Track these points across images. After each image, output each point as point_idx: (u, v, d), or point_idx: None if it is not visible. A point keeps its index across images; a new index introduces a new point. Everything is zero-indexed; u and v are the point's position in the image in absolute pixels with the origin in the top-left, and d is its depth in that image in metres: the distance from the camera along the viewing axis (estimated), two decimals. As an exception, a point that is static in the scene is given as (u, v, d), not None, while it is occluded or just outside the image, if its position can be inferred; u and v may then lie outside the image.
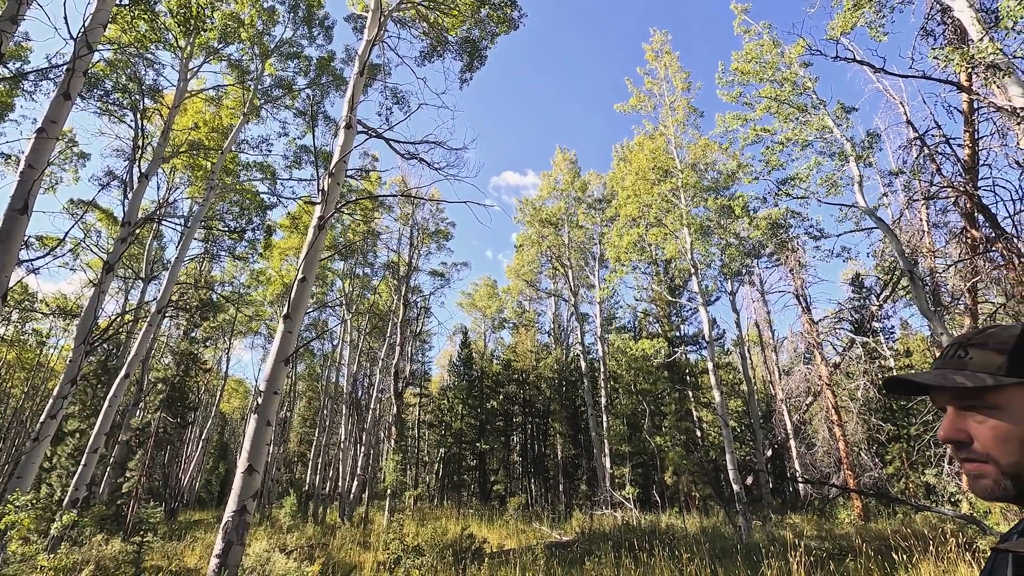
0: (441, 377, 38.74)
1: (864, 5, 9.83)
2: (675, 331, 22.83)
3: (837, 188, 12.95)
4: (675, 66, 16.07)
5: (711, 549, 8.88)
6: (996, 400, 0.73)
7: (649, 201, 15.11)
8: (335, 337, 23.06)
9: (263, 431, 5.34)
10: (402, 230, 20.84)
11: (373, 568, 7.38)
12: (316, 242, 6.30)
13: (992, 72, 7.53)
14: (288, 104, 12.53)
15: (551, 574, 7.08)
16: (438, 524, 13.75)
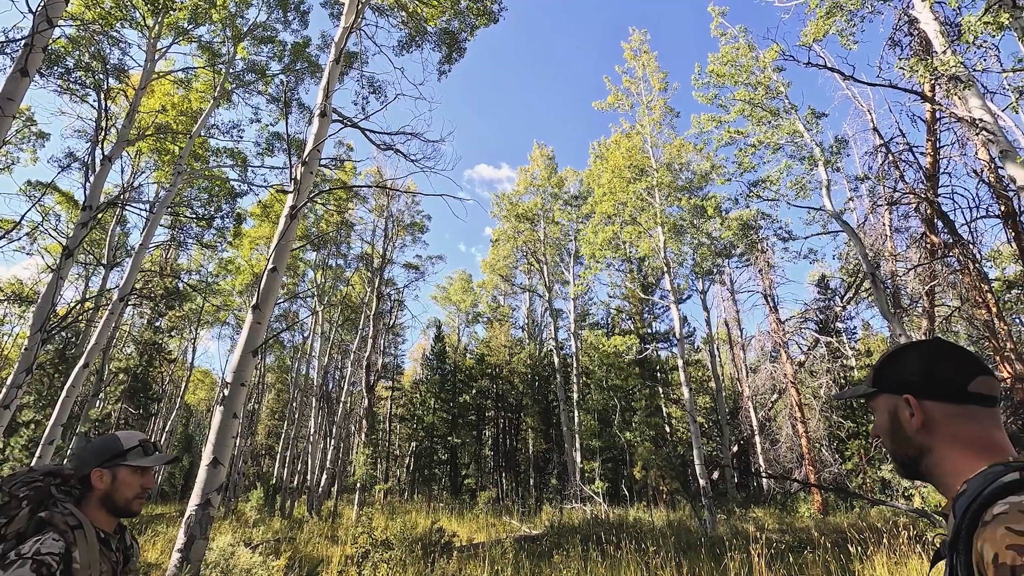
0: (414, 371, 38.54)
1: (836, 14, 10.06)
2: (647, 328, 23.15)
3: (806, 191, 13.28)
4: (653, 65, 16.22)
5: (677, 542, 9.07)
6: (873, 404, 1.01)
7: (624, 199, 15.26)
8: (306, 329, 22.71)
9: (229, 423, 5.23)
10: (376, 222, 20.63)
11: (341, 562, 7.32)
12: (287, 231, 6.18)
13: (954, 84, 7.80)
14: (261, 90, 12.22)
15: (519, 567, 7.13)
16: (408, 518, 13.71)
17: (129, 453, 1.51)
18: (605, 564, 6.97)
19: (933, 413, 0.92)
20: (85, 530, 1.38)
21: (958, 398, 0.91)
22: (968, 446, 0.89)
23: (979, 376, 0.91)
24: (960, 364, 0.93)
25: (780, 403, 20.85)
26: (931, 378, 0.93)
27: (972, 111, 7.71)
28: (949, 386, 0.92)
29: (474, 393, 27.18)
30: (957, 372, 0.92)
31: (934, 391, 0.93)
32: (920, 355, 0.96)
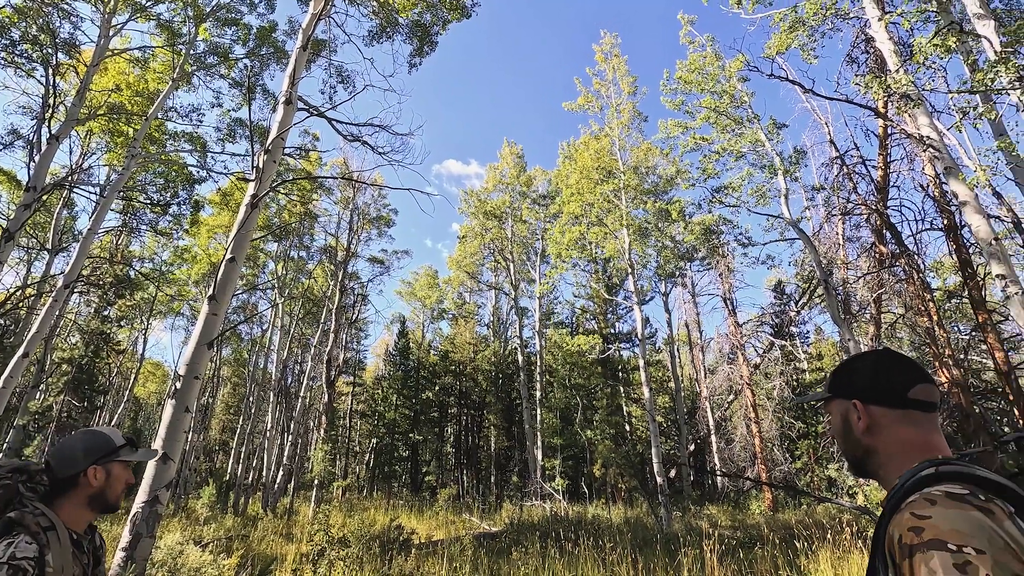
0: (376, 366, 38.04)
1: (798, 28, 10.41)
2: (610, 328, 23.47)
3: (766, 199, 13.70)
4: (623, 69, 16.44)
5: (633, 539, 9.24)
6: (829, 408, 1.11)
7: (592, 200, 15.42)
8: (265, 322, 22.11)
9: (181, 418, 5.05)
10: (342, 214, 20.24)
11: (296, 560, 7.17)
12: (248, 221, 6.00)
13: (905, 102, 8.18)
14: (223, 73, 11.80)
15: (478, 564, 7.14)
16: (366, 515, 13.53)
17: (122, 449, 1.51)
18: (563, 561, 7.04)
19: (877, 417, 1.01)
20: (58, 531, 1.32)
21: (899, 403, 0.99)
22: (907, 447, 0.97)
23: (919, 384, 0.99)
24: (902, 372, 1.02)
25: (736, 404, 21.49)
26: (876, 385, 1.02)
27: (920, 128, 8.10)
28: (891, 392, 1.01)
29: (437, 390, 27.04)
30: (899, 380, 1.01)
31: (878, 397, 1.02)
32: (868, 364, 1.06)
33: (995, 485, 0.79)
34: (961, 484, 0.80)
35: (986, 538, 0.71)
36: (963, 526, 0.73)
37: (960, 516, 0.74)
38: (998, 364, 10.50)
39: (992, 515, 0.74)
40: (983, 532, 0.72)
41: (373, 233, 21.46)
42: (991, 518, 0.74)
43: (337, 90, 10.46)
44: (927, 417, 0.98)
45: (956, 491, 0.78)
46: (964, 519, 0.74)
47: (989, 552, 0.70)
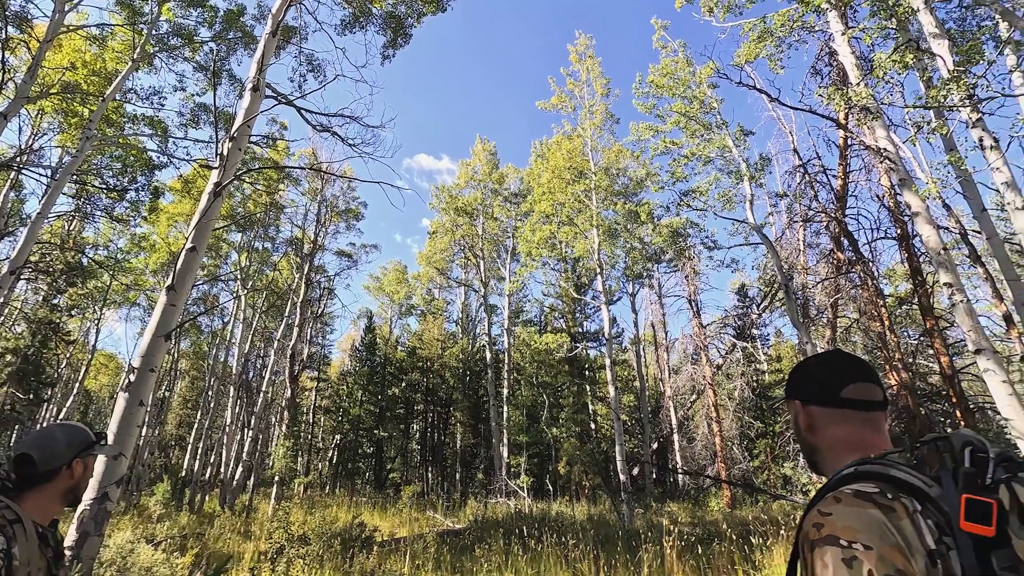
0: (342, 361, 37.45)
1: (767, 39, 10.68)
2: (578, 327, 23.68)
3: (731, 204, 14.03)
4: (596, 71, 16.57)
5: (596, 535, 9.36)
6: (788, 408, 1.15)
7: (563, 200, 15.51)
8: (227, 314, 21.51)
9: (134, 411, 4.87)
10: (309, 205, 19.82)
11: (253, 558, 7.01)
12: (210, 210, 5.82)
13: (864, 114, 8.49)
14: (188, 56, 11.39)
15: (440, 561, 7.12)
16: (328, 512, 13.33)
17: (97, 444, 1.54)
18: (526, 558, 7.08)
19: (815, 416, 1.05)
20: (24, 524, 1.30)
21: (834, 403, 1.03)
22: (843, 445, 1.01)
23: (853, 383, 1.03)
24: (837, 373, 1.05)
25: (698, 403, 21.98)
26: (813, 385, 1.07)
27: (878, 141, 8.42)
28: (826, 392, 1.04)
29: (404, 386, 26.79)
30: (833, 380, 1.05)
31: (816, 397, 1.06)
32: (811, 366, 1.11)
33: (906, 484, 0.82)
34: (874, 483, 0.84)
35: (877, 535, 0.76)
36: (856, 523, 0.78)
37: (857, 514, 0.79)
38: (943, 368, 11.02)
39: (892, 512, 0.78)
40: (875, 529, 0.76)
41: (341, 226, 21.10)
42: (890, 515, 0.78)
43: (307, 79, 10.24)
44: (863, 416, 1.01)
45: (865, 489, 0.83)
46: (860, 517, 0.78)
47: (876, 548, 0.74)
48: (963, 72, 6.58)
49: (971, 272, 13.16)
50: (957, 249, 11.98)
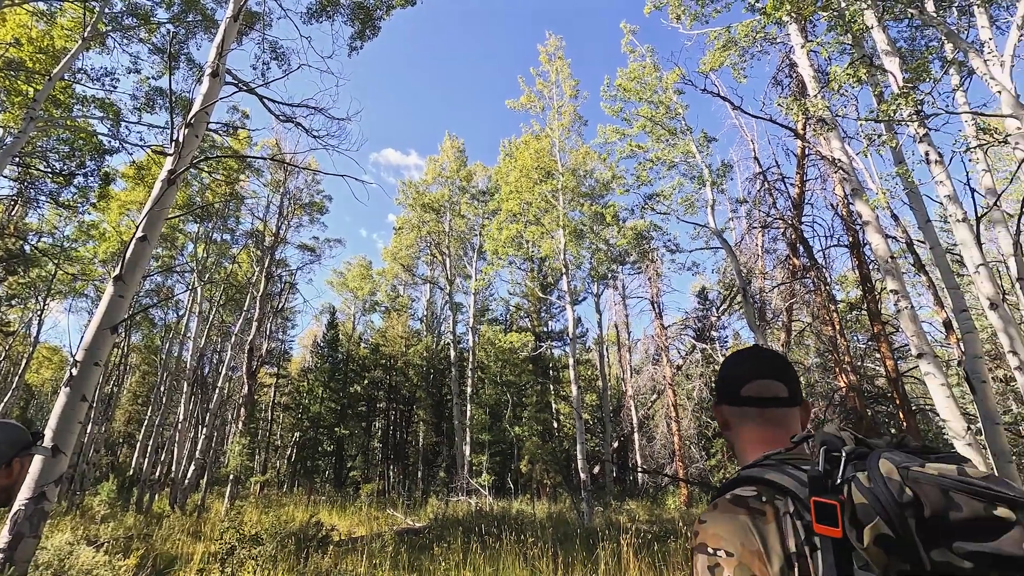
0: (303, 358, 36.67)
1: (731, 48, 10.95)
2: (543, 327, 23.81)
3: (694, 208, 14.34)
4: (566, 72, 16.67)
5: (555, 533, 9.43)
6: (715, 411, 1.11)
7: (530, 199, 15.56)
8: (182, 307, 20.74)
9: (76, 407, 4.65)
10: (271, 197, 19.31)
11: (203, 560, 6.78)
12: (164, 198, 5.60)
13: (821, 125, 8.80)
14: (143, 38, 10.91)
15: (398, 560, 7.05)
16: (284, 511, 13.03)
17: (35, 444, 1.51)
18: (485, 556, 7.08)
19: (726, 415, 1.06)
20: None
21: (737, 401, 1.04)
22: (749, 443, 1.01)
23: (752, 381, 1.03)
24: (738, 372, 1.06)
25: (658, 403, 22.40)
26: (721, 385, 1.08)
27: (833, 151, 8.75)
28: (729, 391, 1.05)
29: (366, 383, 26.41)
30: (734, 378, 1.05)
31: (723, 396, 1.07)
32: (724, 366, 1.11)
33: (780, 487, 0.82)
34: (753, 486, 0.85)
35: (739, 541, 0.78)
36: (723, 531, 0.80)
37: (724, 521, 0.82)
38: (888, 372, 11.55)
39: (762, 516, 0.80)
40: (738, 536, 0.79)
41: (305, 219, 20.63)
42: (758, 520, 0.80)
43: (270, 67, 9.97)
44: (765, 413, 1.01)
45: (743, 494, 0.84)
46: (727, 524, 0.81)
47: (737, 555, 0.77)
48: (912, 88, 6.90)
49: (916, 280, 13.83)
50: (903, 258, 12.56)
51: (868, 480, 0.71)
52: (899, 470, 0.70)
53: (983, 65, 6.61)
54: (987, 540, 0.64)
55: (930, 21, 7.02)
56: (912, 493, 0.67)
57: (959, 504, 0.65)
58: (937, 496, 0.66)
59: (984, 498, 0.65)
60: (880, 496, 0.69)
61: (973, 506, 0.65)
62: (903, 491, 0.68)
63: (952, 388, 7.46)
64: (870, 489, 0.70)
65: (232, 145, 17.05)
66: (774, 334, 14.96)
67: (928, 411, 13.51)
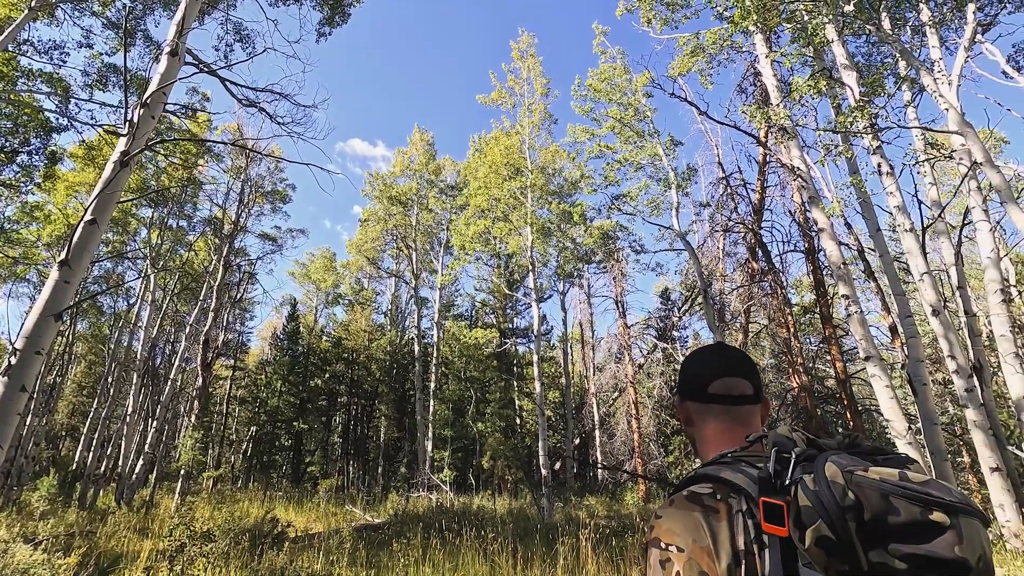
0: (262, 350, 35.71)
1: (699, 54, 11.19)
2: (508, 323, 23.87)
3: (659, 210, 14.62)
4: (537, 70, 16.70)
5: (515, 529, 9.48)
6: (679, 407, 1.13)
7: (499, 195, 15.55)
8: (133, 295, 19.89)
9: (14, 398, 4.40)
10: (232, 184, 18.69)
11: (151, 558, 6.54)
12: (116, 180, 5.34)
13: (782, 134, 9.09)
14: (97, 11, 10.38)
15: (356, 557, 6.95)
16: (238, 507, 12.69)
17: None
18: (444, 552, 7.06)
19: (690, 411, 1.08)
20: None
21: (702, 398, 1.06)
22: (712, 439, 1.04)
23: (718, 378, 1.05)
24: (705, 369, 1.08)
25: (620, 401, 22.78)
26: (686, 381, 1.10)
27: (793, 159, 9.04)
28: (695, 388, 1.07)
29: (327, 377, 25.92)
30: (701, 376, 1.07)
31: (689, 392, 1.09)
32: (688, 362, 1.13)
33: (734, 485, 0.84)
34: (710, 484, 0.87)
35: (691, 538, 0.80)
36: (676, 527, 0.83)
37: (679, 517, 0.84)
38: (838, 373, 12.03)
39: (715, 514, 0.82)
40: (690, 532, 0.81)
41: (266, 208, 20.06)
42: (711, 517, 0.82)
43: (234, 49, 9.64)
44: (730, 410, 1.03)
45: (699, 491, 0.86)
46: (680, 520, 0.83)
47: (687, 550, 0.79)
48: (867, 102, 7.18)
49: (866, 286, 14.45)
50: (855, 264, 13.11)
51: (814, 483, 0.73)
52: (843, 474, 0.72)
53: (933, 83, 6.94)
54: (922, 543, 0.67)
55: (886, 38, 7.33)
56: (854, 497, 0.70)
57: (897, 508, 0.68)
58: (877, 500, 0.69)
59: (921, 503, 0.68)
60: (823, 499, 0.71)
61: (911, 510, 0.68)
62: (846, 495, 0.70)
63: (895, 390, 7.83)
64: (814, 492, 0.72)
65: (191, 128, 16.44)
66: (732, 335, 15.39)
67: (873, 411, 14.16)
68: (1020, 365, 7.05)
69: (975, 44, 8.14)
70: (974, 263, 16.38)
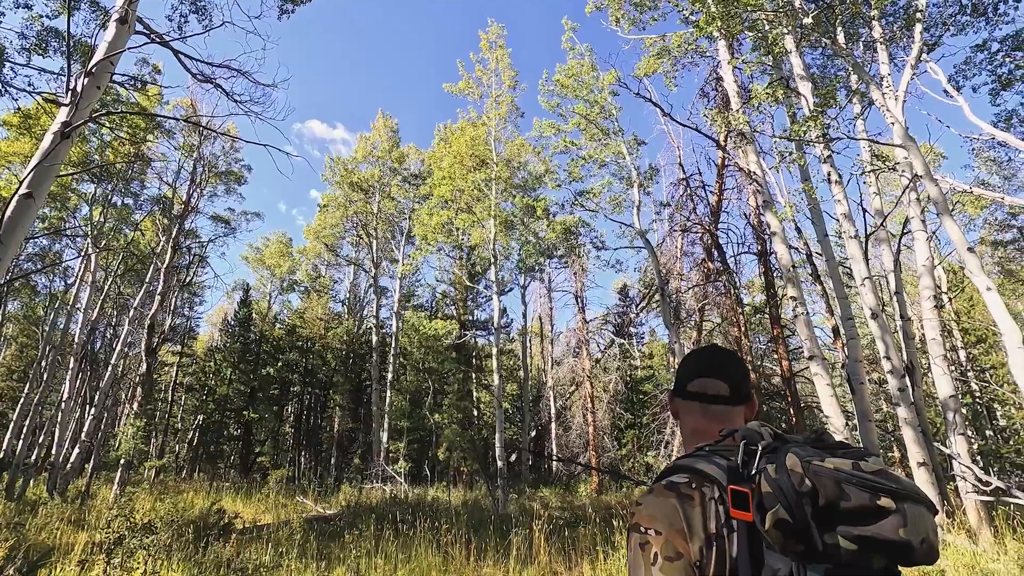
0: (211, 336, 34.49)
1: (664, 56, 11.38)
2: (469, 315, 23.80)
3: (621, 208, 14.85)
4: (506, 61, 16.62)
5: (470, 520, 9.52)
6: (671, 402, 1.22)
7: (463, 186, 15.45)
8: (71, 274, 18.83)
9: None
10: (183, 162, 17.86)
11: (86, 550, 6.25)
12: (55, 152, 5.04)
13: (740, 138, 9.36)
14: (37, -30, 9.72)
15: (306, 548, 6.84)
16: (183, 498, 12.27)
17: None
18: (398, 542, 7.03)
19: (679, 407, 1.18)
20: None
21: (684, 395, 1.16)
22: (692, 434, 1.13)
23: (697, 378, 1.15)
24: (688, 369, 1.18)
25: (576, 394, 23.11)
26: (676, 380, 1.20)
27: (750, 164, 9.33)
28: (679, 385, 1.18)
29: (280, 366, 25.23)
30: (684, 375, 1.18)
31: (675, 389, 1.20)
32: (682, 361, 1.23)
33: (708, 475, 0.92)
34: (686, 474, 0.95)
35: (667, 522, 0.88)
36: (654, 512, 0.90)
37: (657, 504, 0.91)
38: (783, 371, 12.55)
39: (690, 501, 0.89)
40: (667, 518, 0.88)
41: (220, 189, 19.30)
42: (686, 504, 0.89)
43: (189, 20, 9.17)
44: (708, 408, 1.12)
45: (676, 480, 0.94)
46: (658, 507, 0.91)
47: (664, 533, 0.87)
48: (820, 112, 7.48)
49: (812, 289, 15.11)
50: (803, 268, 13.67)
51: (775, 472, 0.80)
52: (802, 463, 0.79)
53: (881, 98, 7.29)
54: (869, 525, 0.74)
55: (840, 52, 7.64)
56: (810, 484, 0.77)
57: (849, 494, 0.75)
58: (831, 487, 0.76)
59: (870, 489, 0.75)
60: (782, 486, 0.78)
61: (860, 496, 0.75)
62: (803, 482, 0.77)
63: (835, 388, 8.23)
64: (775, 480, 0.79)
65: (140, 102, 15.62)
66: (687, 333, 15.83)
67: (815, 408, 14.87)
68: (947, 367, 7.53)
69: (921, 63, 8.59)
70: (911, 270, 17.36)
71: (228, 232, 20.62)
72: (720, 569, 0.84)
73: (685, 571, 0.84)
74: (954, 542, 6.30)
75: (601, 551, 6.73)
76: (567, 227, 16.75)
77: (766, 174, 10.13)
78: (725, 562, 0.84)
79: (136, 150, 15.93)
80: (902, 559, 0.75)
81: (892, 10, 9.00)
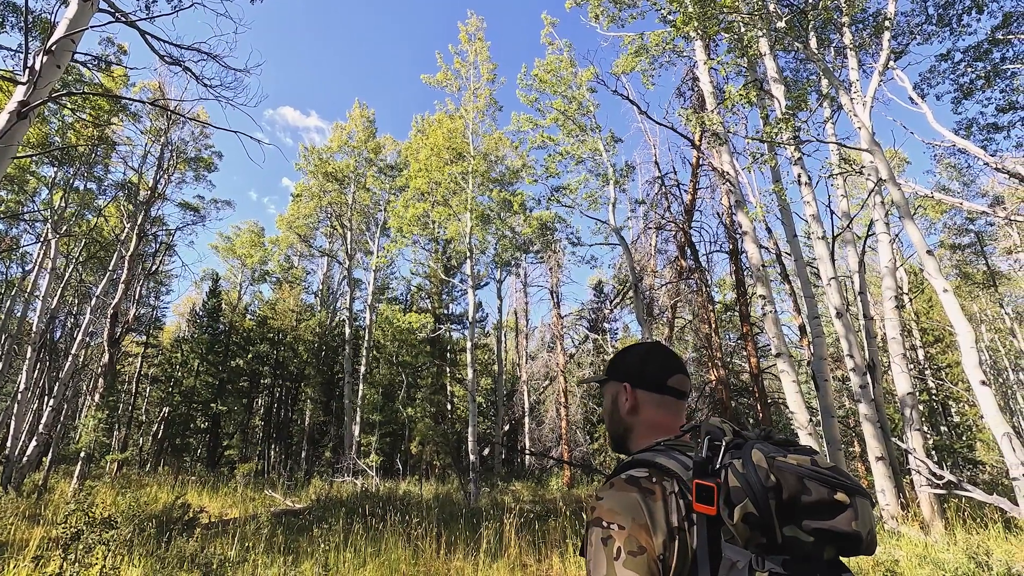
0: (178, 327, 33.60)
1: (643, 55, 11.46)
2: (444, 309, 23.70)
3: (597, 205, 14.94)
4: (485, 54, 16.53)
5: (441, 513, 9.51)
6: (604, 390, 1.24)
7: (439, 179, 15.34)
8: (29, 260, 18.12)
9: None
10: (150, 147, 17.29)
11: (42, 546, 6.05)
12: (11, 132, 4.83)
13: (715, 139, 9.50)
14: (-6, -60, 9.27)
15: (274, 543, 6.74)
16: (146, 492, 11.98)
17: None
18: (368, 536, 6.98)
19: (641, 399, 1.16)
20: None
21: (658, 389, 1.16)
22: (655, 428, 1.13)
23: (676, 375, 1.17)
24: (664, 363, 1.19)
25: (550, 389, 23.25)
26: (643, 372, 1.18)
27: (723, 164, 9.49)
28: (654, 379, 1.16)
29: (250, 358, 24.75)
30: (661, 369, 1.17)
31: (645, 382, 1.17)
32: (640, 354, 1.22)
33: (668, 470, 0.94)
34: (646, 468, 0.96)
35: (630, 517, 0.89)
36: (616, 507, 0.91)
37: (619, 498, 0.92)
38: (752, 368, 12.84)
39: (651, 495, 0.91)
40: (630, 512, 0.89)
41: (189, 175, 18.75)
42: (648, 498, 0.90)
43: (157, 0, 8.89)
44: (677, 404, 1.15)
45: (636, 475, 0.95)
46: (620, 501, 0.91)
47: (627, 528, 0.88)
48: (792, 115, 7.63)
49: (781, 287, 15.48)
50: (773, 267, 13.98)
51: (742, 467, 0.83)
52: (767, 459, 0.83)
53: (850, 103, 7.47)
54: (827, 519, 0.79)
55: (812, 56, 7.80)
56: (775, 479, 0.81)
57: (810, 489, 0.80)
58: (794, 482, 0.80)
59: (829, 485, 0.80)
60: (750, 481, 0.81)
61: (820, 491, 0.79)
62: (769, 477, 0.81)
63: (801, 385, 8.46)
64: (743, 475, 0.82)
65: (104, 82, 15.07)
66: (659, 329, 16.05)
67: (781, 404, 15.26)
68: (906, 365, 7.80)
69: (888, 70, 8.84)
70: (874, 271, 17.92)
71: (197, 220, 20.08)
72: (682, 562, 0.86)
73: (648, 565, 0.85)
74: (908, 533, 6.55)
75: (571, 544, 6.81)
76: (543, 222, 16.80)
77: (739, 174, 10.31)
78: (687, 555, 0.87)
79: (100, 133, 15.37)
80: (850, 550, 0.80)
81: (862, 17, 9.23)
